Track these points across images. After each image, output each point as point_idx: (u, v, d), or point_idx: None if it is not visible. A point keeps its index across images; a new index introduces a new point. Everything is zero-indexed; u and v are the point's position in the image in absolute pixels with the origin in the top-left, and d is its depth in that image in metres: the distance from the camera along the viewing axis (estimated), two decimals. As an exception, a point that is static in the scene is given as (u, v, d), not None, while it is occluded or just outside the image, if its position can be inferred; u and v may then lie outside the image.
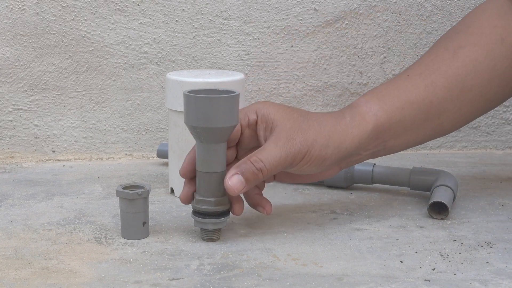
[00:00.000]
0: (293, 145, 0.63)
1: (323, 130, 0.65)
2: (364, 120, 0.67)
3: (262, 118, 0.65)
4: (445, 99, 0.70)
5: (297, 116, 0.65)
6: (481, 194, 0.81)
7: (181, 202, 0.66)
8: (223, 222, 0.65)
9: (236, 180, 0.62)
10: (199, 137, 0.62)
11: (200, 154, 0.63)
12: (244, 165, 0.62)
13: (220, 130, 0.62)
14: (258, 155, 0.63)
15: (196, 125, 0.61)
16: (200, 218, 0.64)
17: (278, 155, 0.62)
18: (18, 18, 0.91)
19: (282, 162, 0.63)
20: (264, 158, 0.62)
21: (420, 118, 0.70)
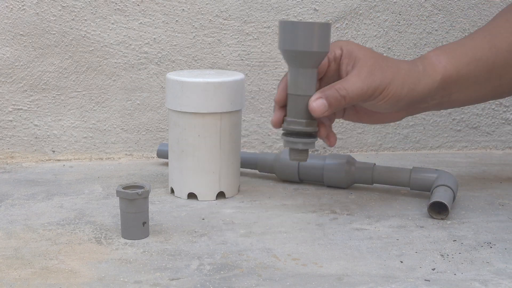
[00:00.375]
0: (374, 80, 0.69)
1: (400, 72, 0.71)
2: (434, 70, 0.73)
3: (346, 53, 0.71)
4: (506, 62, 0.75)
5: (378, 56, 0.71)
6: (481, 194, 0.81)
7: (273, 126, 0.72)
8: (312, 143, 0.70)
9: (320, 103, 0.68)
10: (294, 62, 0.68)
11: (293, 78, 0.69)
12: (328, 91, 0.68)
13: (314, 55, 0.67)
14: (343, 83, 0.69)
15: (293, 48, 0.67)
16: (292, 138, 0.70)
17: (360, 86, 0.68)
18: (18, 18, 0.91)
19: (363, 93, 0.69)
20: (348, 86, 0.68)
21: (484, 76, 0.75)
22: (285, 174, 0.84)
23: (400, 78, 0.70)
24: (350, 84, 0.68)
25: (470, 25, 1.00)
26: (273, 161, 0.85)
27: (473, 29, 0.99)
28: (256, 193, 0.81)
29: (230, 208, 0.75)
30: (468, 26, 1.00)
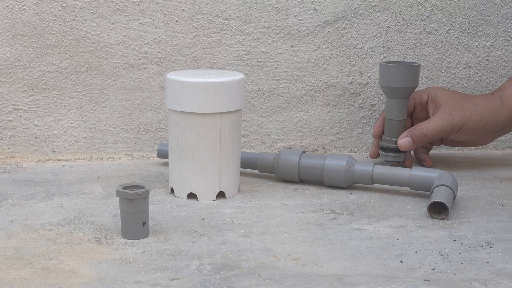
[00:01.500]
0: (453, 119, 0.87)
1: (477, 109, 0.88)
2: (509, 101, 0.88)
3: (432, 99, 0.90)
4: None
5: (458, 98, 0.88)
6: (481, 194, 0.81)
7: (370, 157, 0.94)
8: (400, 157, 0.90)
9: (406, 140, 0.88)
10: (389, 94, 0.88)
11: (389, 107, 0.89)
12: (413, 130, 0.88)
13: (404, 90, 0.87)
14: (425, 123, 0.88)
15: (388, 85, 0.87)
16: (385, 152, 0.90)
17: (440, 125, 0.87)
18: (18, 18, 0.91)
19: (442, 131, 0.87)
20: (429, 126, 0.87)
21: None
22: (285, 174, 0.84)
23: (477, 114, 0.87)
24: (431, 124, 0.87)
25: (470, 25, 1.00)
26: (273, 161, 0.85)
27: (473, 29, 1.00)
28: (256, 193, 0.81)
29: (230, 208, 0.75)
30: (468, 26, 1.00)
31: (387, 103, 0.89)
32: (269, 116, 0.99)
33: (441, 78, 1.01)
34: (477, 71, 1.01)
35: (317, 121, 1.00)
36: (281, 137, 1.00)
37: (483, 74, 1.02)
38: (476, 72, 1.02)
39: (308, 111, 1.00)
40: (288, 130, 1.00)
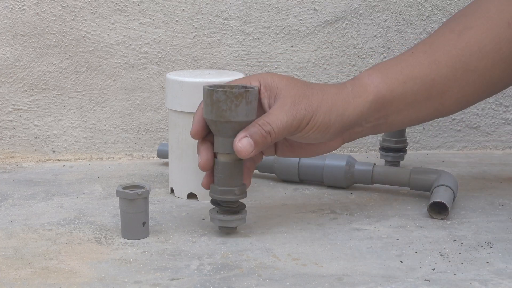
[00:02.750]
0: (299, 110, 0.64)
1: (326, 97, 0.66)
2: (365, 91, 0.68)
3: (266, 86, 0.66)
4: (448, 78, 0.70)
5: (301, 85, 0.66)
6: (481, 194, 0.81)
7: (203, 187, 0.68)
8: (400, 157, 0.88)
9: (246, 142, 0.62)
10: None
11: None
12: (252, 128, 0.63)
13: None
14: (266, 118, 0.63)
15: None
16: (385, 152, 0.87)
17: (285, 118, 0.63)
18: (18, 18, 0.91)
19: (288, 126, 0.64)
20: (271, 121, 0.63)
21: (422, 95, 0.70)
22: (285, 174, 0.84)
23: (326, 104, 0.66)
24: (274, 118, 0.63)
25: (470, 25, 1.00)
26: (273, 161, 0.85)
27: (473, 29, 1.00)
28: (256, 193, 0.81)
29: (230, 208, 0.75)
30: (468, 26, 1.00)
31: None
32: (269, 116, 0.99)
33: (441, 78, 1.01)
34: (477, 71, 1.01)
35: (317, 121, 1.00)
36: (281, 137, 1.00)
37: (483, 74, 1.02)
38: (476, 72, 1.01)
39: (308, 111, 0.99)
40: (288, 130, 1.00)
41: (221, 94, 0.61)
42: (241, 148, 0.62)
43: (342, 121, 0.67)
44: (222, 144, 0.63)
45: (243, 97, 0.61)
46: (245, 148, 0.62)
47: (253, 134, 0.63)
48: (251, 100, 0.62)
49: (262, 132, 0.63)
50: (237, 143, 0.62)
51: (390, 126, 0.72)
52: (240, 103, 0.61)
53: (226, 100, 0.61)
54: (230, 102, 0.61)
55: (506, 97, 1.03)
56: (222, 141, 0.63)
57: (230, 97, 0.61)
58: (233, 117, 0.62)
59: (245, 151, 0.62)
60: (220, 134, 0.63)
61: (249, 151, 0.62)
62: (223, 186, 0.64)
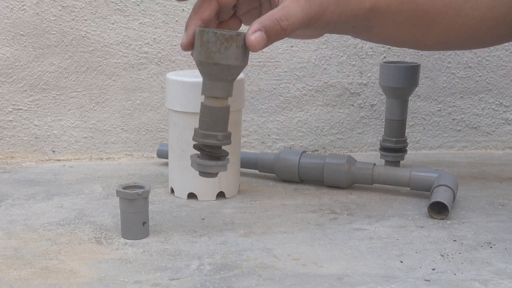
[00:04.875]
0: (312, 8, 0.62)
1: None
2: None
3: None
4: (440, 13, 0.71)
5: None
6: (481, 194, 0.81)
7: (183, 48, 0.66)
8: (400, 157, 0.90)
9: (259, 37, 0.60)
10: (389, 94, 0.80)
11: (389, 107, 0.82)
12: (268, 22, 0.60)
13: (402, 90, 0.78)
14: (283, 12, 0.61)
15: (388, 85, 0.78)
16: (385, 152, 0.89)
17: (301, 15, 0.61)
18: (18, 18, 0.91)
19: (301, 23, 0.62)
20: (289, 16, 0.61)
21: (412, 20, 0.70)
22: (285, 174, 0.84)
23: (334, 3, 0.64)
24: (292, 13, 0.61)
25: (470, 25, 1.00)
26: (273, 161, 0.85)
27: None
28: (256, 193, 0.81)
29: (230, 208, 0.75)
30: (468, 26, 1.00)
31: (387, 103, 0.89)
32: (269, 116, 0.99)
33: (441, 78, 1.01)
34: (477, 71, 1.01)
35: (317, 121, 1.00)
36: (281, 137, 1.00)
37: (483, 74, 1.02)
38: (476, 72, 1.01)
39: (308, 111, 1.00)
40: (288, 130, 1.00)
41: (211, 36, 0.60)
42: (253, 41, 0.60)
43: (339, 20, 0.66)
44: (209, 87, 0.62)
45: (234, 40, 0.60)
46: (258, 42, 0.60)
47: (268, 29, 0.60)
48: (242, 44, 0.60)
49: (278, 28, 0.60)
50: (250, 35, 0.60)
51: (371, 37, 0.73)
52: (230, 46, 0.60)
53: (216, 42, 0.60)
54: (220, 44, 0.60)
55: (506, 97, 1.03)
56: (209, 84, 0.62)
57: (220, 39, 0.60)
58: (222, 59, 0.60)
59: (257, 45, 0.60)
60: (208, 77, 0.62)
61: (261, 46, 0.60)
62: (206, 130, 0.63)
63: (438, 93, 1.02)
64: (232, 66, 0.61)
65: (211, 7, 0.65)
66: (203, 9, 0.65)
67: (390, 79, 0.86)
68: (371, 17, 0.69)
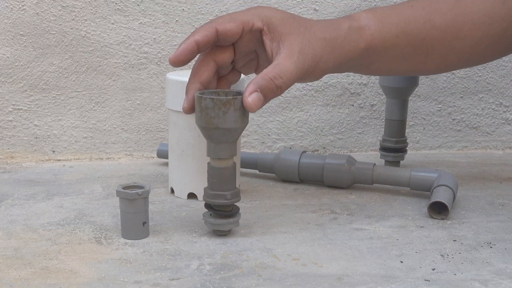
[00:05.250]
0: (306, 61, 0.64)
1: (327, 44, 0.66)
2: (360, 36, 0.68)
3: (270, 27, 0.64)
4: (437, 40, 0.71)
5: (303, 30, 0.65)
6: (481, 194, 0.81)
7: None
8: (400, 157, 0.90)
9: (256, 98, 0.61)
10: (389, 94, 0.84)
11: (389, 107, 0.84)
12: (262, 81, 0.62)
13: (402, 90, 0.82)
14: (276, 70, 0.62)
15: (388, 85, 0.82)
16: (385, 152, 0.90)
17: (295, 70, 0.63)
18: (18, 18, 0.91)
19: (296, 78, 0.63)
20: (282, 73, 0.62)
21: (409, 51, 0.71)
22: (285, 174, 0.84)
23: (327, 51, 0.65)
24: (285, 70, 0.62)
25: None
26: (273, 161, 0.85)
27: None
28: (256, 193, 0.81)
29: (230, 208, 0.75)
30: (468, 26, 1.00)
31: (387, 103, 0.89)
32: (269, 116, 0.99)
33: (441, 78, 1.01)
34: (477, 71, 1.01)
35: (317, 121, 1.00)
36: (281, 137, 1.00)
37: (483, 74, 1.02)
38: (476, 72, 1.01)
39: (308, 111, 1.00)
40: (288, 130, 1.00)
41: (209, 102, 0.61)
42: (251, 103, 0.61)
43: (335, 66, 0.67)
44: (214, 149, 0.64)
45: (231, 104, 0.61)
46: (255, 104, 0.61)
47: (264, 89, 0.62)
48: (240, 106, 0.62)
49: (273, 87, 0.62)
50: (247, 98, 0.61)
51: (368, 72, 0.74)
52: (228, 110, 0.61)
53: (214, 107, 0.61)
54: (218, 109, 0.61)
55: (506, 97, 1.03)
56: (213, 147, 0.64)
57: (218, 105, 0.61)
58: (221, 124, 0.62)
59: (255, 106, 0.61)
60: (211, 140, 0.64)
61: (258, 106, 0.61)
62: (215, 190, 0.65)
63: (438, 93, 1.02)
64: (232, 129, 0.62)
65: (209, 68, 0.66)
66: (201, 72, 0.66)
67: (390, 79, 0.86)
68: (367, 56, 0.69)
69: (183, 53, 0.64)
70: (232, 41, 0.65)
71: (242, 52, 0.67)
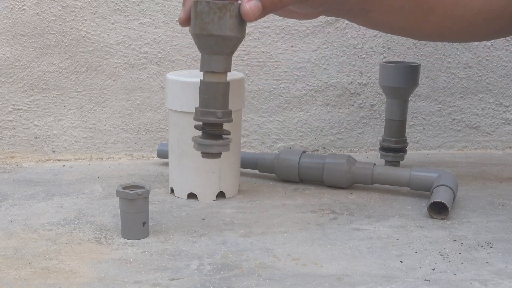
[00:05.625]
0: None
1: None
2: None
3: None
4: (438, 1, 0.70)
5: None
6: (481, 194, 0.81)
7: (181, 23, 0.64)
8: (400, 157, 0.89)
9: (254, 5, 0.59)
10: (389, 94, 0.84)
11: (389, 107, 0.84)
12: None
13: (402, 90, 0.83)
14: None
15: (388, 85, 0.83)
16: (385, 152, 0.90)
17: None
18: (18, 18, 0.91)
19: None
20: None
21: (410, 6, 0.69)
22: (285, 174, 0.84)
23: None
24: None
25: (470, 25, 1.00)
26: (273, 161, 0.85)
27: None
28: (256, 193, 0.81)
29: (230, 208, 0.75)
30: (468, 26, 1.00)
31: (387, 103, 0.89)
32: (269, 116, 0.99)
33: (441, 78, 1.01)
34: (477, 71, 1.01)
35: (317, 121, 1.00)
36: (281, 137, 1.00)
37: (483, 74, 1.02)
38: (476, 72, 1.02)
39: (308, 111, 1.00)
40: (288, 130, 1.00)
41: (205, 6, 0.59)
42: (248, 10, 0.58)
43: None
44: (207, 61, 0.61)
45: (227, 9, 0.59)
46: (253, 11, 0.58)
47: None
48: (236, 13, 0.59)
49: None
50: (245, 4, 0.58)
51: (365, 21, 0.71)
52: (223, 16, 0.59)
53: (209, 12, 0.59)
54: (213, 13, 0.59)
55: (506, 97, 1.03)
56: (206, 58, 0.61)
57: (213, 9, 0.59)
58: (216, 30, 0.59)
59: (252, 14, 0.58)
60: (204, 51, 0.61)
61: (256, 15, 0.59)
62: (206, 107, 0.62)
63: (438, 93, 1.02)
64: (227, 37, 0.60)
65: None
66: None
67: (390, 79, 0.86)
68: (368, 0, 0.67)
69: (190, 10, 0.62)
70: None
71: None
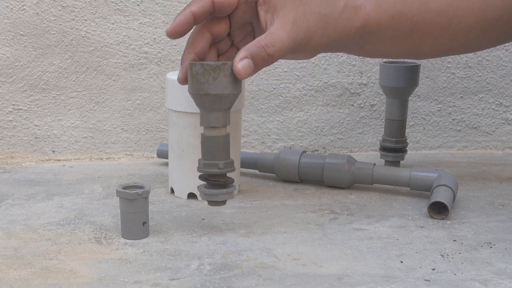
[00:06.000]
0: (299, 33, 0.63)
1: (321, 19, 0.65)
2: (355, 15, 0.67)
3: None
4: (431, 24, 0.70)
5: (299, 3, 0.64)
6: (481, 194, 0.81)
7: None
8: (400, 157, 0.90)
9: (246, 64, 0.61)
10: (389, 94, 0.85)
11: (389, 107, 0.86)
12: (254, 48, 0.61)
13: (402, 90, 0.84)
14: (269, 39, 0.62)
15: (388, 85, 0.83)
16: (385, 152, 0.90)
17: (287, 41, 0.62)
18: (18, 18, 0.91)
19: (288, 49, 0.63)
20: (275, 42, 0.61)
21: (404, 34, 0.70)
22: (285, 174, 0.84)
23: (321, 26, 0.65)
24: (277, 39, 0.61)
25: (470, 25, 1.00)
26: (273, 161, 0.85)
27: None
28: (256, 193, 0.81)
29: (230, 208, 0.75)
30: (468, 26, 1.00)
31: (387, 103, 0.89)
32: (269, 116, 0.99)
33: (441, 78, 1.01)
34: (477, 71, 1.01)
35: (317, 121, 1.00)
36: (281, 137, 1.00)
37: (483, 74, 1.02)
38: (476, 72, 1.02)
39: (308, 111, 1.00)
40: (288, 130, 1.00)
41: (199, 67, 0.61)
42: (240, 69, 0.61)
43: (328, 43, 0.66)
44: (206, 118, 0.64)
45: (221, 69, 0.61)
46: (245, 70, 0.61)
47: (255, 56, 0.61)
48: (230, 72, 0.62)
49: (264, 55, 0.61)
50: (237, 63, 0.61)
51: (362, 53, 0.73)
52: (218, 76, 0.61)
53: (204, 73, 0.61)
54: (208, 75, 0.61)
55: (506, 97, 1.03)
56: (205, 115, 0.64)
57: (208, 70, 0.61)
58: (211, 89, 0.62)
59: (244, 73, 0.61)
60: (202, 108, 0.64)
61: (248, 73, 0.61)
62: (208, 160, 0.65)
63: (438, 93, 1.02)
64: (222, 95, 0.62)
65: (205, 40, 0.66)
66: (196, 42, 0.66)
67: (390, 79, 0.86)
68: (362, 35, 0.68)
69: (179, 25, 0.64)
70: (228, 12, 0.65)
71: (237, 23, 0.67)
